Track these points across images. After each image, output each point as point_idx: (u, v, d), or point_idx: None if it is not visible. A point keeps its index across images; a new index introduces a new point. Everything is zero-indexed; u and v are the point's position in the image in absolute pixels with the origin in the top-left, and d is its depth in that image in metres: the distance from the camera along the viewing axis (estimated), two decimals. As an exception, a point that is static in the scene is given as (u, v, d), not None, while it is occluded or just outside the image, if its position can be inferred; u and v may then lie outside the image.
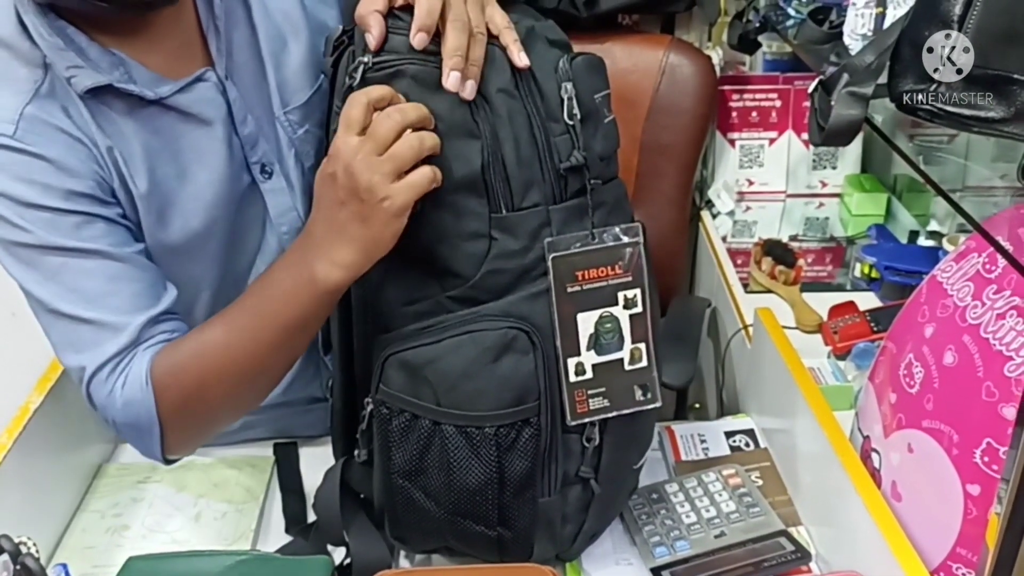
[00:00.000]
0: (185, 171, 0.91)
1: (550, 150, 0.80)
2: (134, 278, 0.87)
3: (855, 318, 1.32)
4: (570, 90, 0.80)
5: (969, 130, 0.81)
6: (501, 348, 0.81)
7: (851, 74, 0.89)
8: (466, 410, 0.82)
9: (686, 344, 1.41)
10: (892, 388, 0.90)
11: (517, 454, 0.83)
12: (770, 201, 1.79)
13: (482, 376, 0.81)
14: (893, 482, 0.89)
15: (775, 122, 1.77)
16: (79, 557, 0.96)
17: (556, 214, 0.81)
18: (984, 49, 0.77)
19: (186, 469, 1.09)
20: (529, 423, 0.82)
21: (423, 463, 0.85)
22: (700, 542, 0.94)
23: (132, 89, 0.86)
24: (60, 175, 0.85)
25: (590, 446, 0.85)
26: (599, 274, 0.82)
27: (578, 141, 0.80)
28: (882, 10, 0.97)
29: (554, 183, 0.80)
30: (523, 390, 0.82)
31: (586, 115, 0.81)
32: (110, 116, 0.87)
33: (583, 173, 0.80)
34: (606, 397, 0.84)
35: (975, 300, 0.82)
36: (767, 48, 1.78)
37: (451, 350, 0.82)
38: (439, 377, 0.82)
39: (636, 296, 0.83)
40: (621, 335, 0.83)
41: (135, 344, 0.86)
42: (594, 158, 0.82)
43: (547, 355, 0.82)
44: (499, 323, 0.81)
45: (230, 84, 0.92)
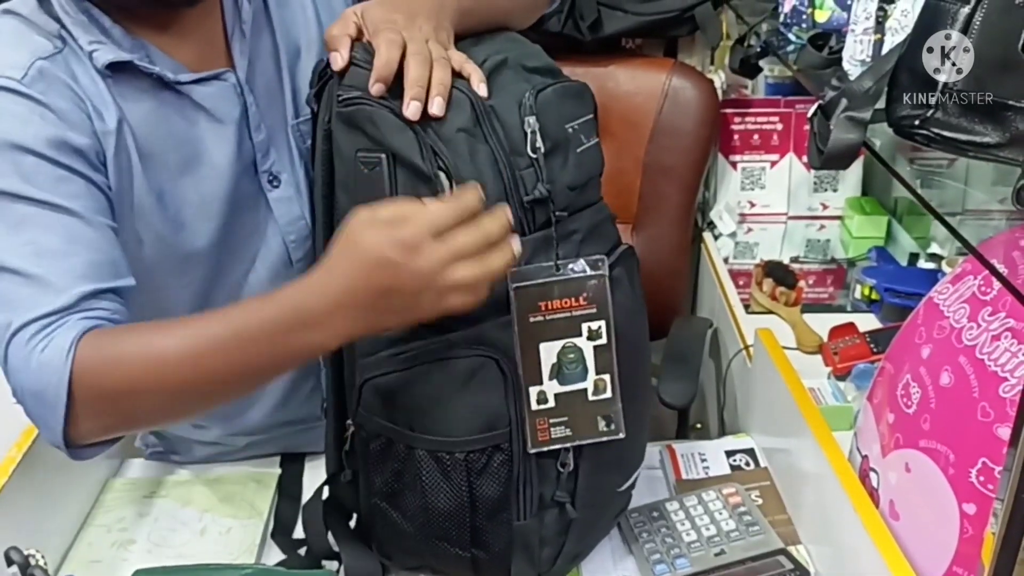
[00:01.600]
0: (189, 161, 0.92)
1: (516, 184, 0.80)
2: (95, 247, 0.83)
3: (855, 339, 1.33)
4: (533, 124, 0.80)
5: (965, 155, 0.83)
6: (469, 375, 0.82)
7: (850, 99, 0.90)
8: (437, 435, 0.84)
9: (688, 364, 1.42)
10: (890, 408, 0.91)
11: (488, 479, 0.84)
12: (771, 223, 1.80)
13: (452, 403, 0.83)
14: (891, 501, 0.89)
15: (777, 145, 1.79)
16: (85, 571, 0.97)
17: (523, 245, 0.79)
18: (979, 76, 0.78)
19: (192, 484, 1.10)
20: (500, 448, 0.83)
21: (399, 485, 0.87)
22: (700, 560, 0.95)
23: (152, 69, 0.88)
24: (59, 125, 0.84)
25: (564, 471, 0.85)
26: (562, 305, 0.82)
27: (542, 174, 0.80)
28: (880, 37, 0.99)
29: (521, 216, 0.80)
30: (493, 417, 0.83)
31: (554, 146, 0.81)
32: (126, 92, 0.88)
33: (548, 206, 0.81)
34: (568, 427, 0.84)
35: (971, 321, 0.84)
36: (768, 72, 1.80)
37: (422, 377, 0.83)
38: (411, 403, 0.84)
39: (600, 328, 0.83)
40: (585, 366, 0.83)
41: (69, 310, 0.79)
42: (561, 189, 0.81)
43: (517, 383, 0.82)
44: (468, 351, 0.82)
45: (248, 89, 0.93)
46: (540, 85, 0.83)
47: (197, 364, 0.78)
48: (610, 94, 1.58)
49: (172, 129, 0.91)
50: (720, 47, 1.73)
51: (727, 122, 1.78)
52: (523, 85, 0.82)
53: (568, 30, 1.57)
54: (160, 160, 0.91)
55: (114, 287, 0.83)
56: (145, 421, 0.88)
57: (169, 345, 0.79)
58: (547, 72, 0.87)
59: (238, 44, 0.93)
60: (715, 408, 1.53)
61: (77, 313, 0.79)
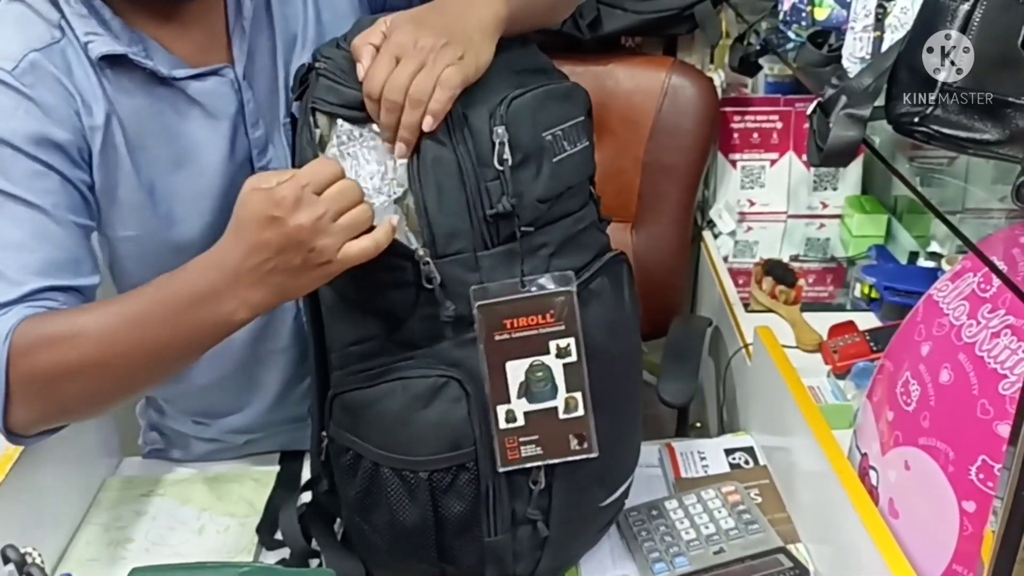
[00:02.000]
0: (181, 156, 0.92)
1: (480, 196, 0.78)
2: (60, 245, 0.85)
3: (855, 338, 1.33)
4: (501, 134, 0.78)
5: (965, 152, 0.83)
6: (430, 395, 0.81)
7: (849, 96, 0.90)
8: (402, 454, 0.83)
9: (687, 363, 1.42)
10: (889, 406, 0.91)
11: (454, 497, 0.83)
12: (771, 221, 1.80)
13: (414, 423, 0.82)
14: (890, 499, 0.89)
15: (776, 143, 1.79)
16: (83, 569, 0.97)
17: (485, 260, 0.79)
18: (979, 73, 0.78)
19: (189, 483, 1.10)
20: (465, 468, 0.82)
21: (368, 501, 0.86)
22: (699, 558, 0.95)
23: (146, 64, 0.88)
24: (42, 120, 0.85)
25: (536, 488, 0.84)
26: (529, 323, 0.80)
27: (507, 187, 0.78)
28: (880, 34, 0.99)
29: (484, 229, 0.79)
30: (457, 436, 0.81)
31: (525, 157, 0.79)
32: (119, 86, 0.88)
33: (512, 220, 0.78)
34: (539, 445, 0.82)
35: (970, 319, 0.83)
36: (768, 71, 1.80)
37: (385, 395, 0.83)
38: (376, 421, 0.83)
39: (569, 345, 0.80)
40: (554, 384, 0.81)
41: (17, 302, 0.82)
42: (529, 203, 0.79)
43: (482, 402, 0.81)
44: (429, 371, 0.81)
45: (246, 85, 0.93)
46: (518, 91, 0.80)
47: (114, 341, 0.80)
48: (609, 92, 1.58)
49: (165, 124, 0.91)
50: (719, 45, 1.73)
51: (727, 121, 1.77)
52: (504, 90, 0.80)
53: (567, 28, 1.57)
54: (152, 155, 0.91)
55: (73, 285, 0.85)
56: (77, 405, 0.86)
57: (88, 323, 0.81)
58: (537, 73, 0.85)
59: (238, 39, 0.92)
60: (714, 407, 1.53)
61: (22, 303, 0.82)
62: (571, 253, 0.84)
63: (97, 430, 1.12)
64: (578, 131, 0.85)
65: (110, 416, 1.15)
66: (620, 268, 0.89)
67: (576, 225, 0.85)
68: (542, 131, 0.81)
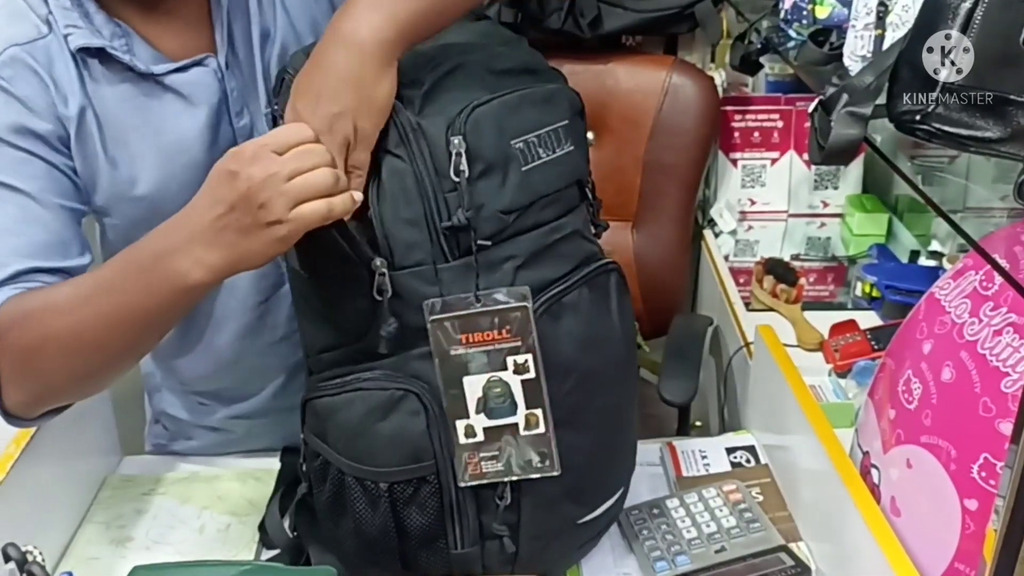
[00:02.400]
0: (165, 150, 0.92)
1: (437, 208, 0.76)
2: (47, 228, 0.86)
3: (856, 336, 1.33)
4: (458, 145, 0.75)
5: (966, 150, 0.83)
6: (387, 408, 0.80)
7: (851, 94, 0.90)
8: (363, 464, 0.82)
9: (688, 361, 1.42)
10: (891, 404, 0.91)
11: (416, 509, 0.82)
12: (772, 221, 1.80)
13: (372, 434, 0.81)
14: (892, 497, 0.89)
15: (777, 142, 1.79)
16: (83, 568, 0.97)
17: (445, 273, 0.78)
18: (980, 71, 0.78)
19: (190, 482, 1.10)
20: (427, 480, 0.81)
21: (336, 506, 0.86)
22: (701, 557, 0.95)
23: (123, 58, 0.88)
24: (21, 111, 0.86)
25: (502, 504, 0.82)
26: (484, 338, 0.78)
27: (464, 200, 0.75)
28: (881, 32, 0.99)
29: (443, 242, 0.77)
30: (416, 449, 0.80)
31: (488, 168, 0.77)
32: (100, 77, 0.89)
33: (469, 233, 0.76)
34: (499, 461, 0.81)
35: (972, 317, 0.83)
36: (769, 70, 1.80)
37: (345, 405, 0.82)
38: (339, 429, 0.83)
39: (527, 362, 0.78)
40: (513, 400, 0.79)
41: (2, 284, 0.84)
42: (491, 215, 0.77)
43: (442, 416, 0.80)
44: (387, 383, 0.80)
45: (229, 74, 0.93)
46: (484, 98, 0.78)
47: (84, 309, 0.80)
48: (610, 91, 1.58)
49: (147, 117, 0.91)
50: (720, 44, 1.73)
51: (727, 119, 1.77)
52: (472, 96, 0.77)
53: (568, 27, 1.57)
54: (134, 148, 0.92)
55: (61, 267, 0.86)
56: (62, 380, 0.85)
57: (61, 295, 0.83)
58: (522, 73, 0.83)
59: (219, 28, 0.92)
60: (715, 406, 1.53)
61: (7, 285, 0.83)
62: (544, 264, 0.82)
63: (98, 428, 1.12)
64: (558, 136, 0.82)
65: (111, 414, 1.14)
66: (607, 279, 0.86)
67: (551, 235, 0.82)
68: (511, 139, 0.78)
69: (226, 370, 1.08)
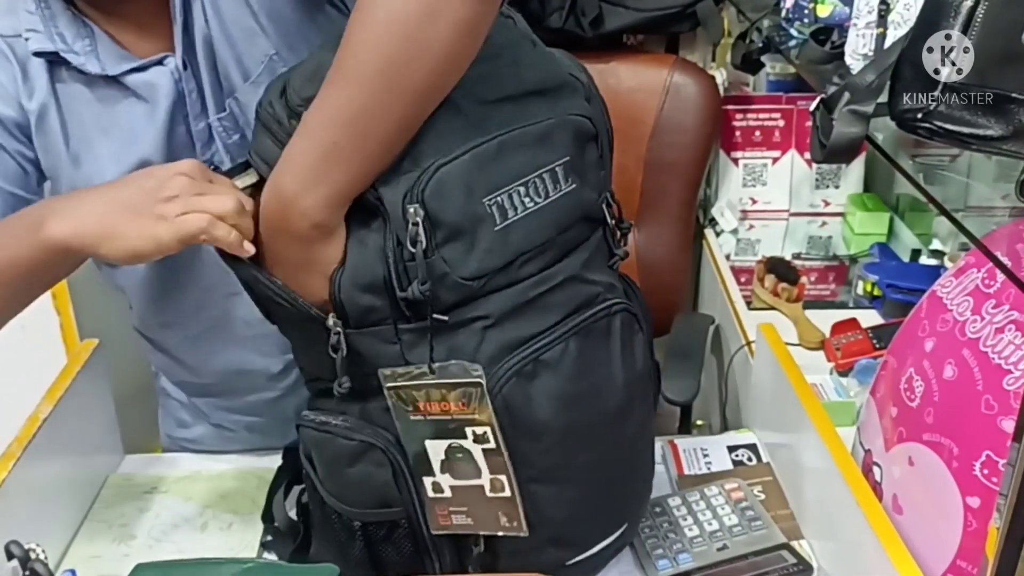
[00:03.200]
0: (122, 150, 0.92)
1: (398, 276, 0.72)
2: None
3: (857, 335, 1.33)
4: (413, 215, 0.70)
5: (968, 148, 0.82)
6: (353, 457, 0.79)
7: (852, 93, 0.90)
8: (338, 500, 0.82)
9: (690, 360, 1.42)
10: (893, 402, 0.91)
11: (392, 548, 0.81)
12: (773, 220, 1.80)
13: (340, 478, 0.81)
14: (894, 495, 0.89)
15: (778, 141, 1.79)
16: (86, 565, 0.97)
17: (406, 334, 0.75)
18: (982, 69, 0.78)
19: (192, 480, 1.10)
20: (398, 524, 0.80)
21: (324, 528, 0.86)
22: (703, 555, 0.95)
23: (74, 60, 0.89)
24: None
25: (477, 550, 0.81)
26: (442, 408, 0.75)
27: (420, 272, 0.71)
28: (883, 31, 0.99)
29: (404, 306, 0.73)
30: (383, 497, 0.79)
31: (453, 232, 0.72)
32: (65, 80, 0.91)
33: (425, 306, 0.73)
34: (469, 516, 0.78)
35: (974, 314, 0.83)
36: (770, 69, 1.80)
37: (323, 443, 0.81)
38: (319, 462, 0.83)
39: (486, 433, 0.74)
40: (476, 465, 0.76)
41: None
42: (452, 283, 0.72)
43: (409, 468, 0.78)
44: (353, 434, 0.79)
45: (187, 75, 0.91)
46: (453, 153, 0.72)
47: None
48: (611, 90, 1.58)
49: (106, 118, 0.92)
50: (721, 43, 1.73)
51: (729, 118, 1.78)
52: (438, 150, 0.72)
53: (569, 26, 1.58)
54: (95, 149, 0.93)
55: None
56: None
57: None
58: (522, 98, 0.76)
59: (176, 28, 0.90)
60: (717, 405, 1.53)
61: None
62: (521, 321, 0.76)
63: (100, 427, 1.12)
64: (554, 177, 0.76)
65: (113, 414, 1.15)
66: (607, 323, 0.80)
67: (533, 290, 0.76)
68: (483, 196, 0.72)
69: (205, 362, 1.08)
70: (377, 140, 0.71)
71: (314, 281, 0.75)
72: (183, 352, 1.09)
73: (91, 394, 1.08)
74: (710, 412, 1.61)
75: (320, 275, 0.75)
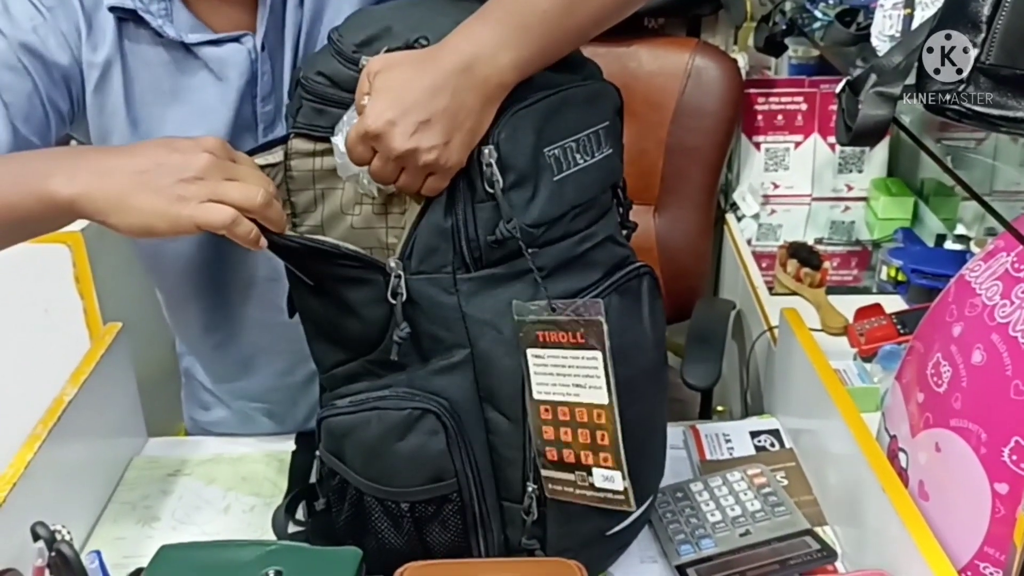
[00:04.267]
0: (186, 119, 0.92)
1: (466, 218, 0.74)
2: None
3: (881, 320, 1.32)
4: (488, 156, 0.72)
5: (997, 130, 0.81)
6: (405, 428, 0.78)
7: (879, 74, 0.89)
8: (382, 484, 0.80)
9: (711, 345, 1.41)
10: (919, 387, 0.90)
11: (439, 527, 0.80)
12: (795, 204, 1.79)
13: (389, 455, 0.79)
14: (920, 481, 0.88)
15: (801, 125, 1.78)
16: (110, 547, 0.97)
17: (464, 284, 0.76)
18: (1012, 50, 0.77)
19: (215, 463, 1.11)
20: (449, 499, 0.79)
21: (356, 525, 0.84)
22: (725, 540, 0.94)
23: (151, 21, 0.88)
24: (45, 38, 0.87)
25: (529, 519, 0.80)
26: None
27: (504, 212, 0.73)
28: (910, 11, 0.97)
29: (467, 252, 0.75)
30: (436, 469, 0.78)
31: (520, 179, 0.74)
32: (135, 39, 0.90)
33: (506, 246, 0.74)
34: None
35: (1003, 299, 0.82)
36: (792, 52, 1.79)
37: (362, 424, 0.79)
38: (356, 449, 0.81)
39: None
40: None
41: None
42: (519, 226, 0.74)
43: (463, 432, 0.78)
44: (405, 402, 0.78)
45: (264, 56, 0.91)
46: (524, 103, 0.74)
47: None
48: (632, 74, 1.57)
49: (174, 83, 0.91)
50: (744, 27, 1.72)
51: (750, 102, 1.76)
52: (513, 93, 0.74)
53: (590, 9, 1.56)
54: (157, 112, 0.92)
55: None
56: None
57: None
58: (562, 69, 0.79)
59: (262, 9, 0.91)
60: (738, 391, 1.52)
61: None
62: (572, 274, 0.79)
63: (124, 411, 1.13)
64: (599, 139, 0.79)
65: (136, 397, 1.15)
66: (639, 283, 0.83)
67: (581, 244, 0.80)
68: (545, 147, 0.75)
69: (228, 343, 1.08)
70: (580, 19, 0.76)
71: (460, 139, 0.72)
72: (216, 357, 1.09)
73: (115, 377, 1.09)
74: (731, 398, 1.60)
75: (466, 145, 0.72)
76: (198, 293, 1.04)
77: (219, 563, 0.77)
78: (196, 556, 0.79)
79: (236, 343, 1.08)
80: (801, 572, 0.90)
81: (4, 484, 0.86)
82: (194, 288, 1.04)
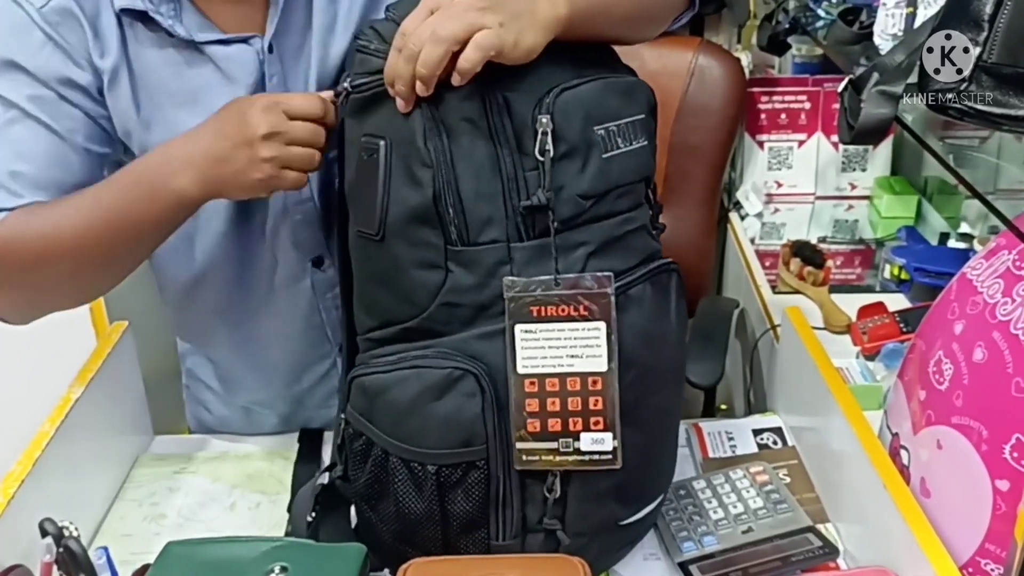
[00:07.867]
0: (195, 118, 0.91)
1: (517, 186, 0.76)
2: (69, 169, 0.91)
3: (884, 319, 1.32)
4: (546, 124, 0.75)
5: (999, 128, 0.82)
6: (444, 388, 0.78)
7: (881, 73, 0.90)
8: (411, 445, 0.80)
9: (714, 344, 1.41)
10: (921, 385, 0.90)
11: (462, 495, 0.80)
12: (799, 203, 1.79)
13: (424, 414, 0.79)
14: (922, 478, 0.89)
15: (804, 124, 1.78)
16: (117, 544, 0.98)
17: (518, 252, 0.77)
18: (1014, 48, 0.77)
19: (221, 461, 1.11)
20: (476, 466, 0.79)
21: (377, 488, 0.84)
22: (727, 537, 0.95)
23: (161, 21, 0.89)
24: (65, 61, 0.90)
25: (551, 497, 0.81)
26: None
27: (545, 180, 0.75)
28: (912, 10, 0.98)
29: (519, 221, 0.76)
30: (468, 433, 0.78)
31: (571, 150, 0.77)
32: (142, 41, 0.91)
33: (547, 215, 0.75)
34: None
35: (1005, 297, 0.83)
36: (796, 51, 1.79)
37: (399, 382, 0.80)
38: (388, 408, 0.81)
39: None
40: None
41: (12, 210, 0.89)
42: (569, 197, 0.77)
43: (499, 398, 0.78)
44: (446, 362, 0.78)
45: (273, 59, 0.92)
46: (573, 82, 0.78)
47: (91, 214, 0.87)
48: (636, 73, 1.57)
49: (183, 84, 0.92)
50: (747, 25, 1.72)
51: (754, 101, 1.76)
52: (558, 79, 0.77)
53: (594, 8, 1.57)
54: (169, 114, 0.92)
55: None
56: (55, 291, 0.93)
57: (67, 204, 0.89)
58: (599, 65, 0.82)
59: (272, 11, 0.91)
60: (741, 389, 1.52)
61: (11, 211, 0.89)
62: (614, 255, 0.81)
63: (130, 409, 1.14)
64: (636, 129, 0.81)
65: (143, 395, 1.16)
66: (668, 278, 0.85)
67: (623, 226, 0.82)
68: (594, 125, 0.78)
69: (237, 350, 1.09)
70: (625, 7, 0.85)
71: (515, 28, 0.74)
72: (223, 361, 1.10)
73: (121, 376, 1.10)
74: (734, 396, 1.60)
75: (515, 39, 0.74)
76: (217, 308, 1.05)
77: (225, 559, 0.78)
78: (202, 552, 0.80)
79: (248, 352, 1.09)
80: (803, 569, 0.91)
81: (12, 481, 0.87)
82: (215, 303, 1.05)
